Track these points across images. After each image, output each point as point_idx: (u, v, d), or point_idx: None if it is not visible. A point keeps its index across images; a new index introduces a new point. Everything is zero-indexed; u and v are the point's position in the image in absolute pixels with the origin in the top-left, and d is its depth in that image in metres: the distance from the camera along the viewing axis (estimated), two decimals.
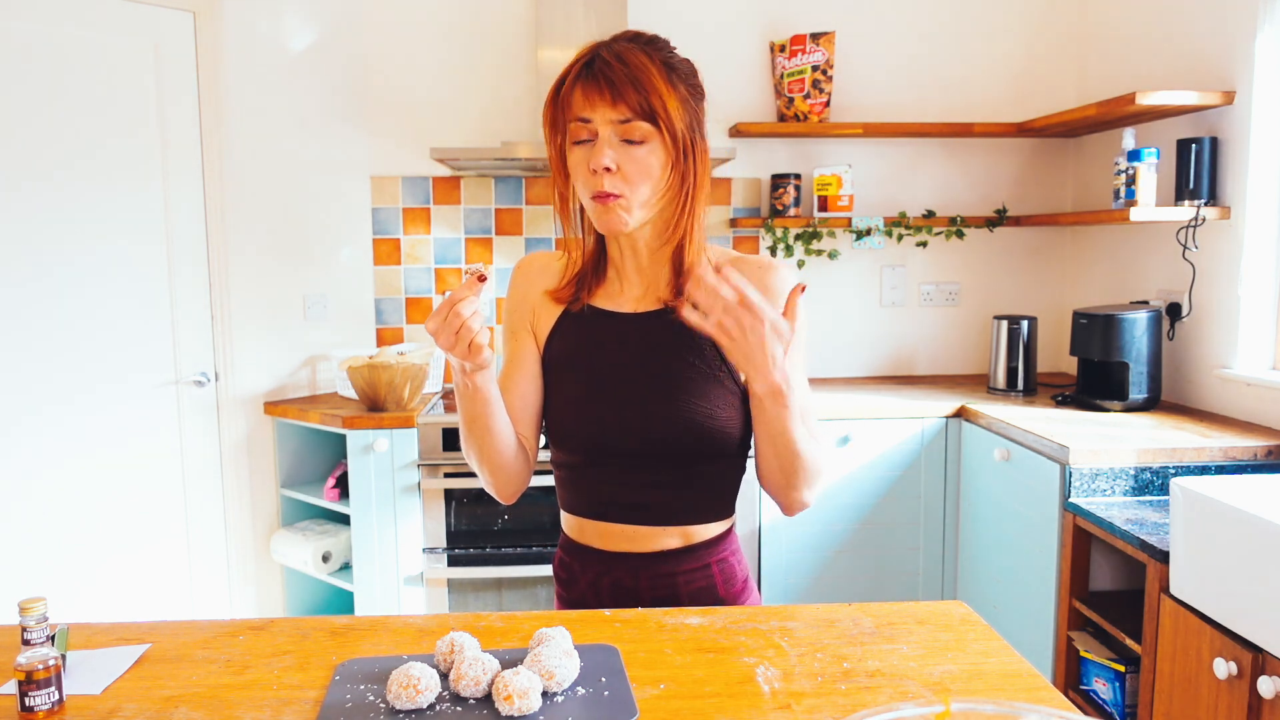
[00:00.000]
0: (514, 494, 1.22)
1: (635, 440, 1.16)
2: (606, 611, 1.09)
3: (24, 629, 0.86)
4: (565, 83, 1.13)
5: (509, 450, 1.16)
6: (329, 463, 3.11)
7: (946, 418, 2.72)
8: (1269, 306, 2.43)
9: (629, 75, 1.10)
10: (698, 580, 1.18)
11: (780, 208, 3.08)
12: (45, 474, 2.49)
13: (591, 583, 1.20)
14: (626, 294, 1.22)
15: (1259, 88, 2.36)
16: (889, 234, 3.18)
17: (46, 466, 2.49)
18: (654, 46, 1.14)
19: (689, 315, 0.97)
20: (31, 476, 2.46)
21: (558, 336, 1.22)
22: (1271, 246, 2.41)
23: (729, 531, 1.23)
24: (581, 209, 1.19)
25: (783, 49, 3.06)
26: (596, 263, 1.23)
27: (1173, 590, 1.76)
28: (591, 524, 1.21)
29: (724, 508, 1.21)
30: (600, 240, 1.23)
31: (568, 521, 1.26)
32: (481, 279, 0.98)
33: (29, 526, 2.46)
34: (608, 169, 1.10)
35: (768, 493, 1.17)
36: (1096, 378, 2.68)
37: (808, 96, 3.03)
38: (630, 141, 1.11)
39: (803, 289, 1.03)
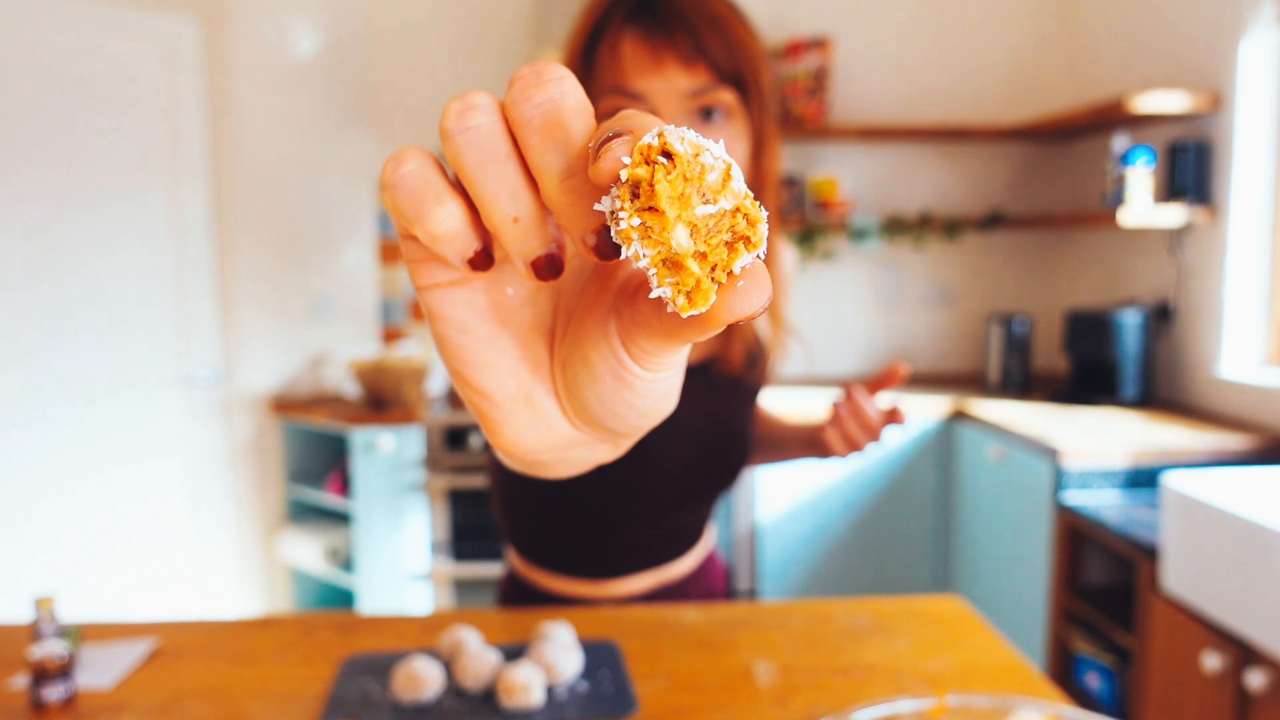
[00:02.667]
0: None
1: (683, 501, 1.02)
2: (607, 608, 1.10)
3: (37, 623, 0.87)
4: (605, 26, 0.76)
5: None
6: (335, 461, 3.13)
7: (942, 417, 2.74)
8: (1256, 306, 2.45)
9: (707, 18, 0.75)
10: (705, 582, 1.18)
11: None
12: (54, 472, 2.50)
13: None
14: None
15: (1245, 92, 2.38)
16: (885, 235, 3.20)
17: (55, 465, 2.50)
18: None
19: (836, 447, 0.93)
20: (41, 475, 2.47)
21: None
22: (1258, 247, 2.43)
23: None
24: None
25: (780, 54, 3.08)
26: None
27: (1163, 586, 1.79)
28: (595, 583, 1.08)
29: None
30: None
31: (543, 576, 1.10)
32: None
33: (38, 524, 2.47)
34: None
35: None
36: (1089, 377, 2.70)
37: (805, 101, 3.05)
38: (701, 118, 0.77)
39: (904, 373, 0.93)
